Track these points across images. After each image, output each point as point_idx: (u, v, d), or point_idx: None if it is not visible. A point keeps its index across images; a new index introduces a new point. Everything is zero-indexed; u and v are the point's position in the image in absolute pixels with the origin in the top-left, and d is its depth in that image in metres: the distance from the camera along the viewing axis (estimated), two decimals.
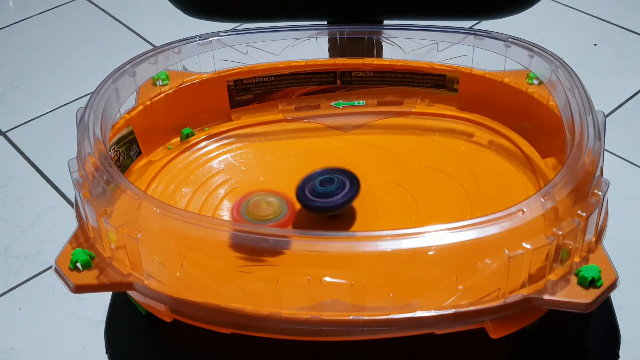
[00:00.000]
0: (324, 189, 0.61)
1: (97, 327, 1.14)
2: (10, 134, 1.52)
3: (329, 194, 0.60)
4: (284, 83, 0.73)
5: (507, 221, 0.50)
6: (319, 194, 0.60)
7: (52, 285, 1.21)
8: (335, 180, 0.61)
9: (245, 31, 0.71)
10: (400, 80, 0.72)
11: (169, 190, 0.66)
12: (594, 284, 0.50)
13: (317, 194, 0.60)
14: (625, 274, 0.69)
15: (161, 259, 0.52)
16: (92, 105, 0.61)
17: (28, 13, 1.89)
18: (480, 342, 0.56)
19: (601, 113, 0.59)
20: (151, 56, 0.67)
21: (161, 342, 0.62)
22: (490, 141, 0.69)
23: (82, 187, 0.55)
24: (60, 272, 0.53)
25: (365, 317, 0.50)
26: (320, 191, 0.61)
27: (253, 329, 0.54)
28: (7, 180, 1.41)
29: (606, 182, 0.54)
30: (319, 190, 0.61)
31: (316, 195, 0.60)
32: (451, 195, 0.64)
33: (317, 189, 0.61)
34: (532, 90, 0.68)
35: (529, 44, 0.67)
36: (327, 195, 0.60)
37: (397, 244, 0.50)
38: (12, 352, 1.12)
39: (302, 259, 0.51)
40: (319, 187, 0.61)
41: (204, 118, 0.72)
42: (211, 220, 0.54)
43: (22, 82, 1.66)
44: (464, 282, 0.50)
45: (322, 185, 0.61)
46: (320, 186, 0.61)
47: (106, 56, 1.72)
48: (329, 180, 0.61)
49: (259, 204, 0.61)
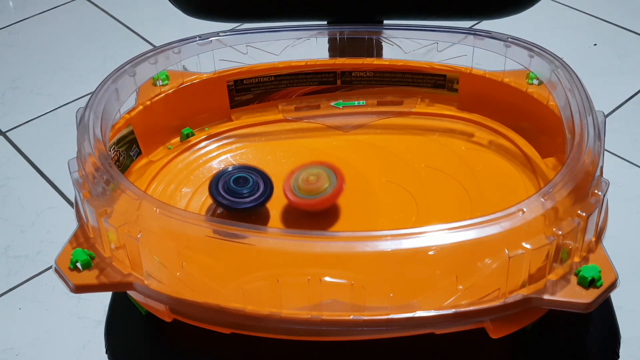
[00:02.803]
0: (237, 188, 0.60)
1: (97, 327, 1.14)
2: (10, 134, 1.52)
3: (239, 194, 0.60)
4: (284, 83, 0.73)
5: (507, 221, 0.50)
6: (230, 191, 0.60)
7: (52, 285, 1.21)
8: (250, 181, 0.61)
9: (245, 31, 0.71)
10: (400, 80, 0.72)
11: (169, 190, 0.66)
12: (594, 284, 0.50)
13: (229, 191, 0.60)
14: (625, 274, 0.69)
15: (161, 259, 0.52)
16: (92, 105, 0.61)
17: (28, 13, 1.89)
18: (480, 342, 0.56)
19: (601, 113, 0.59)
20: (151, 56, 0.67)
21: (161, 342, 0.62)
22: (490, 141, 0.69)
23: (82, 187, 0.55)
24: (60, 272, 0.53)
25: (365, 317, 0.50)
26: (233, 189, 0.60)
27: (253, 329, 0.54)
28: (7, 180, 1.41)
29: (606, 182, 0.54)
30: (232, 188, 0.60)
31: (227, 192, 0.60)
32: (451, 195, 0.64)
33: (230, 186, 0.60)
34: (532, 90, 0.68)
35: (529, 44, 0.67)
36: (237, 195, 0.60)
37: (397, 244, 0.50)
38: (12, 352, 1.12)
39: (302, 259, 0.51)
40: (232, 184, 0.61)
41: (204, 118, 0.72)
42: (211, 220, 0.54)
43: (22, 82, 1.66)
44: (464, 282, 0.50)
45: (237, 183, 0.61)
46: (234, 184, 0.61)
47: (106, 56, 1.72)
48: (244, 180, 0.61)
49: (307, 179, 0.61)
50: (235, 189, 0.61)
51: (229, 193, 0.60)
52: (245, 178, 0.61)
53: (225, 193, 0.60)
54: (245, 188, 0.61)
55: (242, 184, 0.61)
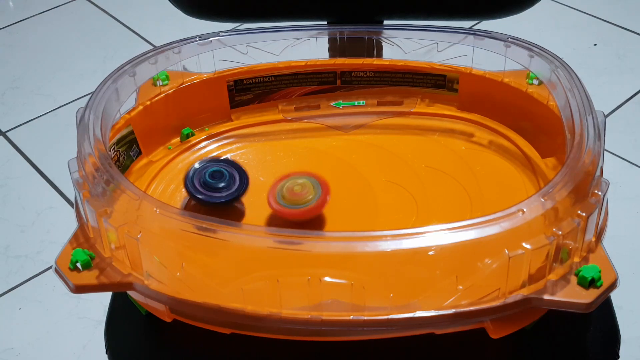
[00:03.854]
0: (212, 182, 0.61)
1: (97, 327, 1.14)
2: (10, 134, 1.52)
3: (215, 189, 0.61)
4: (284, 83, 0.73)
5: (507, 221, 0.50)
6: (206, 186, 0.61)
7: (52, 285, 1.21)
8: (225, 174, 0.61)
9: (245, 31, 0.71)
10: (400, 80, 0.72)
11: (169, 190, 0.66)
12: (594, 284, 0.50)
13: (205, 185, 0.61)
14: (625, 274, 0.69)
15: (161, 259, 0.52)
16: (92, 105, 0.61)
17: (28, 13, 1.89)
18: (480, 342, 0.56)
19: (601, 113, 0.59)
20: (151, 56, 0.67)
21: (161, 342, 0.62)
22: (490, 141, 0.69)
23: (82, 187, 0.55)
24: (60, 272, 0.53)
25: (365, 317, 0.50)
26: (208, 183, 0.61)
27: (253, 329, 0.54)
28: (7, 180, 1.41)
29: (606, 182, 0.54)
30: (208, 182, 0.61)
31: (203, 187, 0.61)
32: (451, 195, 0.64)
33: (207, 180, 0.61)
34: (532, 90, 0.68)
35: (529, 44, 0.67)
36: (213, 190, 0.61)
37: (397, 244, 0.50)
38: (12, 352, 1.12)
39: (302, 259, 0.51)
40: (208, 179, 0.61)
41: (204, 118, 0.72)
42: (211, 220, 0.54)
43: (22, 82, 1.66)
44: (464, 282, 0.50)
45: (212, 177, 0.61)
46: (210, 178, 0.61)
47: (106, 56, 1.72)
48: (219, 174, 0.61)
49: (292, 189, 0.60)
50: (211, 182, 0.61)
51: (205, 187, 0.61)
52: (221, 172, 0.61)
53: (201, 187, 0.61)
54: (221, 181, 0.61)
55: (218, 177, 0.61)
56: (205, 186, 0.61)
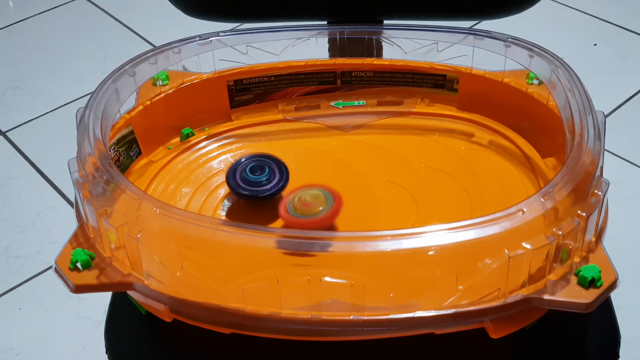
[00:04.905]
0: (254, 177, 0.62)
1: (97, 327, 1.14)
2: (10, 134, 1.52)
3: (258, 183, 0.62)
4: (284, 83, 0.73)
5: (507, 221, 0.50)
6: (249, 181, 0.62)
7: (52, 285, 1.21)
8: (266, 168, 0.63)
9: (245, 31, 0.71)
10: (400, 80, 0.72)
11: (169, 190, 0.66)
12: (594, 284, 0.50)
13: (246, 181, 0.62)
14: (625, 274, 0.69)
15: (161, 259, 0.52)
16: (92, 105, 0.61)
17: (28, 13, 1.89)
18: (480, 342, 0.56)
19: (601, 113, 0.59)
20: (151, 56, 0.67)
21: (161, 342, 0.62)
22: (490, 141, 0.69)
23: (82, 187, 0.55)
24: (60, 272, 0.53)
25: (365, 317, 0.50)
26: (250, 179, 0.62)
27: (253, 329, 0.54)
28: (7, 180, 1.41)
29: (606, 182, 0.54)
30: (249, 178, 0.62)
31: (246, 183, 0.62)
32: (451, 195, 0.64)
33: (248, 176, 0.62)
34: (532, 90, 0.68)
35: (529, 44, 0.67)
36: (256, 184, 0.62)
37: (397, 244, 0.50)
38: (12, 352, 1.12)
39: (302, 259, 0.51)
40: (249, 174, 0.62)
41: (204, 118, 0.72)
42: (211, 220, 0.54)
43: (22, 82, 1.66)
44: (464, 282, 0.50)
45: (253, 172, 0.62)
46: (251, 174, 0.62)
47: (106, 56, 1.72)
48: (260, 168, 0.63)
49: (303, 199, 0.61)
50: (252, 178, 0.62)
51: (247, 183, 0.62)
52: (261, 166, 0.63)
53: (244, 184, 0.62)
54: (263, 176, 0.62)
55: (259, 172, 0.62)
56: (246, 182, 0.62)
